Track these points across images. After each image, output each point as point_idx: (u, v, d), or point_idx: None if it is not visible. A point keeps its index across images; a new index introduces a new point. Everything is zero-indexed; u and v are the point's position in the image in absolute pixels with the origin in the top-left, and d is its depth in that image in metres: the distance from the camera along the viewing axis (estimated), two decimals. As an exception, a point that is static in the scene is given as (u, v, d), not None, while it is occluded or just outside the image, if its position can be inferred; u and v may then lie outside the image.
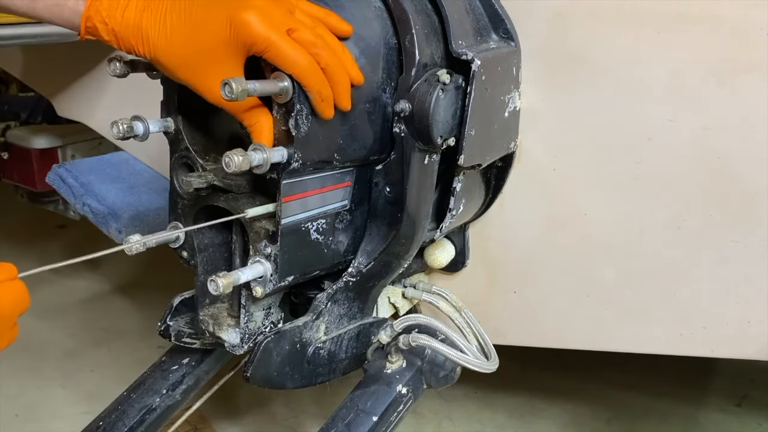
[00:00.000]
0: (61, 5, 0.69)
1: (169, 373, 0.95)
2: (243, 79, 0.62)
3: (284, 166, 0.69)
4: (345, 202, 0.80)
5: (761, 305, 0.83)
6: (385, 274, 0.85)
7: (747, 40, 0.76)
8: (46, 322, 2.00)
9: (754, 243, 0.81)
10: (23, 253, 2.43)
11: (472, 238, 0.99)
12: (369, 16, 0.75)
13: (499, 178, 0.93)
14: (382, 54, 0.75)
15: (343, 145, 0.74)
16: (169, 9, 0.67)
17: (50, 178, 1.49)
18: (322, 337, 0.82)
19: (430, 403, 1.63)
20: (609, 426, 1.56)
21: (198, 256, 0.81)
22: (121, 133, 0.73)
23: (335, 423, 0.81)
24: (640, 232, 0.87)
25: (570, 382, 1.70)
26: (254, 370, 0.76)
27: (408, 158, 0.77)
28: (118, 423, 0.89)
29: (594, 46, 0.83)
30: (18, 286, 0.53)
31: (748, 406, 1.63)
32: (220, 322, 0.82)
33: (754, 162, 0.79)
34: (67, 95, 1.53)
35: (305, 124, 0.68)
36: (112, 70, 0.74)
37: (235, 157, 0.64)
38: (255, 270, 0.73)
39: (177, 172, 0.80)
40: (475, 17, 0.83)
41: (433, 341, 0.83)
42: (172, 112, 0.78)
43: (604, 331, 0.94)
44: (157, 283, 2.15)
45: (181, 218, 0.81)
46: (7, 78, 2.50)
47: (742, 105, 0.78)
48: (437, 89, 0.73)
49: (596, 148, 0.87)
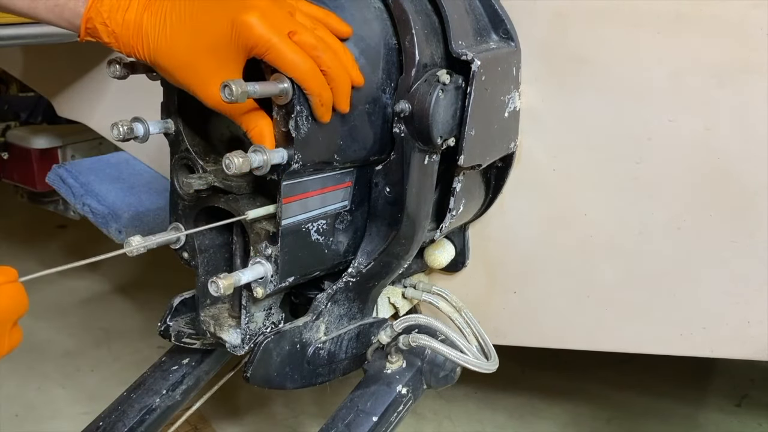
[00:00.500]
0: (61, 6, 0.69)
1: (169, 373, 0.95)
2: (242, 81, 0.62)
3: (284, 168, 0.69)
4: (345, 202, 0.80)
5: (761, 305, 0.83)
6: (385, 275, 0.85)
7: (747, 40, 0.76)
8: (46, 322, 2.00)
9: (754, 243, 0.81)
10: (23, 253, 2.43)
11: (472, 238, 0.99)
12: (369, 16, 0.75)
13: (499, 179, 0.93)
14: (382, 54, 0.75)
15: (343, 146, 0.74)
16: (169, 10, 0.67)
17: (50, 178, 1.49)
18: (322, 338, 0.83)
19: (430, 403, 1.63)
20: (609, 426, 1.56)
21: (199, 257, 0.81)
22: (121, 135, 0.73)
23: (335, 423, 0.81)
24: (640, 233, 0.87)
25: (570, 382, 1.70)
26: (254, 370, 0.76)
27: (408, 158, 0.77)
28: (118, 423, 0.89)
29: (594, 46, 0.83)
30: (17, 289, 0.53)
31: (748, 406, 1.63)
32: (221, 323, 0.82)
33: (753, 162, 0.79)
34: (67, 95, 1.53)
35: (305, 125, 0.68)
36: (111, 72, 0.74)
37: (235, 158, 0.64)
38: (256, 271, 0.73)
39: (177, 174, 0.80)
40: (475, 17, 0.83)
41: (433, 341, 0.83)
42: (172, 113, 0.78)
43: (604, 331, 0.94)
44: (157, 283, 2.15)
45: (182, 219, 0.81)
46: (7, 78, 2.50)
47: (742, 105, 0.78)
48: (437, 89, 0.73)
49: (596, 148, 0.87)
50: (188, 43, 0.66)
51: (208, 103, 0.68)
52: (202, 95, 0.68)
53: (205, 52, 0.66)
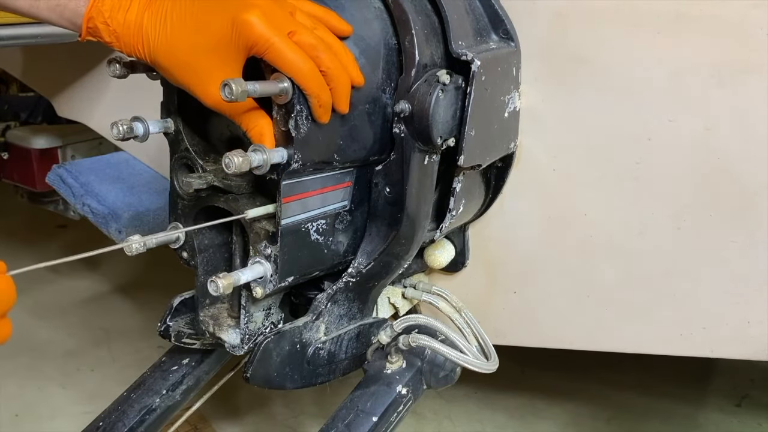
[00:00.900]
0: (62, 5, 0.69)
1: (169, 373, 0.95)
2: (242, 80, 0.62)
3: (284, 167, 0.69)
4: (345, 202, 0.80)
5: (761, 305, 0.83)
6: (385, 275, 0.85)
7: (747, 40, 0.76)
8: (46, 322, 2.00)
9: (754, 243, 0.81)
10: (23, 253, 2.42)
11: (472, 239, 0.99)
12: (369, 16, 0.75)
13: (499, 179, 0.93)
14: (382, 54, 0.75)
15: (343, 146, 0.74)
16: (170, 10, 0.67)
17: (50, 178, 1.49)
18: (322, 338, 0.82)
19: (430, 403, 1.63)
20: (609, 426, 1.56)
21: (198, 257, 0.81)
22: (121, 134, 0.73)
23: (335, 423, 0.81)
24: (640, 233, 0.87)
25: (570, 382, 1.70)
26: (254, 370, 0.76)
27: (408, 159, 0.77)
28: (118, 423, 0.89)
29: (594, 46, 0.83)
30: (5, 282, 0.52)
31: (748, 406, 1.63)
32: (221, 323, 0.82)
33: (754, 162, 0.79)
34: (67, 95, 1.53)
35: (305, 124, 0.68)
36: (111, 71, 0.74)
37: (235, 158, 0.64)
38: (255, 271, 0.73)
39: (177, 173, 0.80)
40: (475, 17, 0.83)
41: (433, 341, 0.83)
42: (172, 112, 0.78)
43: (604, 331, 0.94)
44: (157, 283, 2.15)
45: (181, 219, 0.81)
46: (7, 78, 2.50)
47: (742, 105, 0.78)
48: (437, 90, 0.73)
49: (596, 148, 0.87)
50: (188, 42, 0.66)
51: (208, 103, 0.68)
52: (202, 95, 0.68)
53: (205, 51, 0.66)
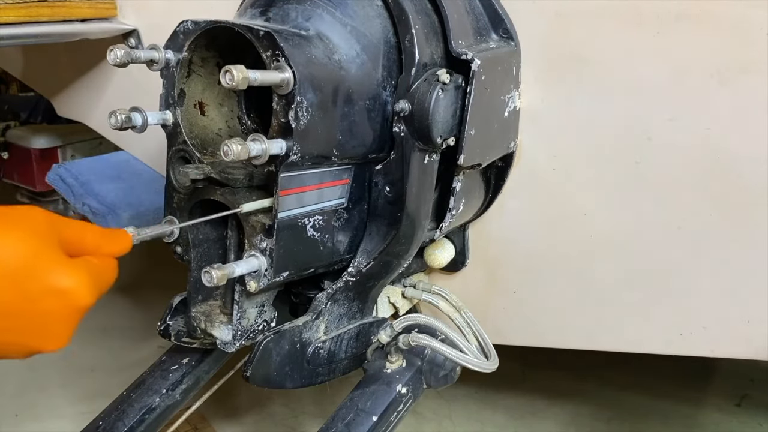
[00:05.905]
0: None
1: (169, 373, 0.95)
2: (243, 67, 0.61)
3: (282, 159, 0.69)
4: (342, 200, 0.80)
5: (761, 305, 0.83)
6: (385, 274, 0.85)
7: (747, 40, 0.76)
8: (46, 322, 1.99)
9: (754, 243, 0.81)
10: (23, 253, 2.42)
11: (472, 238, 0.99)
12: (371, 13, 0.75)
13: (499, 178, 0.93)
14: (383, 52, 0.75)
15: (342, 141, 0.74)
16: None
17: (50, 177, 1.49)
18: (322, 337, 0.82)
19: (430, 403, 1.63)
20: (609, 426, 1.56)
21: (192, 252, 0.81)
22: (118, 123, 0.73)
23: (335, 423, 0.81)
24: (640, 232, 0.87)
25: (570, 382, 1.70)
26: (254, 370, 0.76)
27: (408, 158, 0.77)
28: (118, 423, 0.89)
29: (594, 45, 0.83)
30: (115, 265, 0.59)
31: (748, 406, 1.63)
32: (213, 319, 0.81)
33: (754, 162, 0.79)
34: (67, 95, 1.53)
35: (305, 116, 0.68)
36: (112, 58, 0.73)
37: (233, 145, 0.64)
38: (250, 264, 0.73)
39: (174, 166, 0.79)
40: (474, 17, 0.83)
41: (432, 341, 0.83)
42: (170, 105, 0.77)
43: (604, 331, 0.94)
44: (157, 283, 2.14)
45: (177, 213, 0.81)
46: (7, 78, 2.50)
47: (742, 105, 0.78)
48: (437, 89, 0.73)
49: (596, 147, 0.86)
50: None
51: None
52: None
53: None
